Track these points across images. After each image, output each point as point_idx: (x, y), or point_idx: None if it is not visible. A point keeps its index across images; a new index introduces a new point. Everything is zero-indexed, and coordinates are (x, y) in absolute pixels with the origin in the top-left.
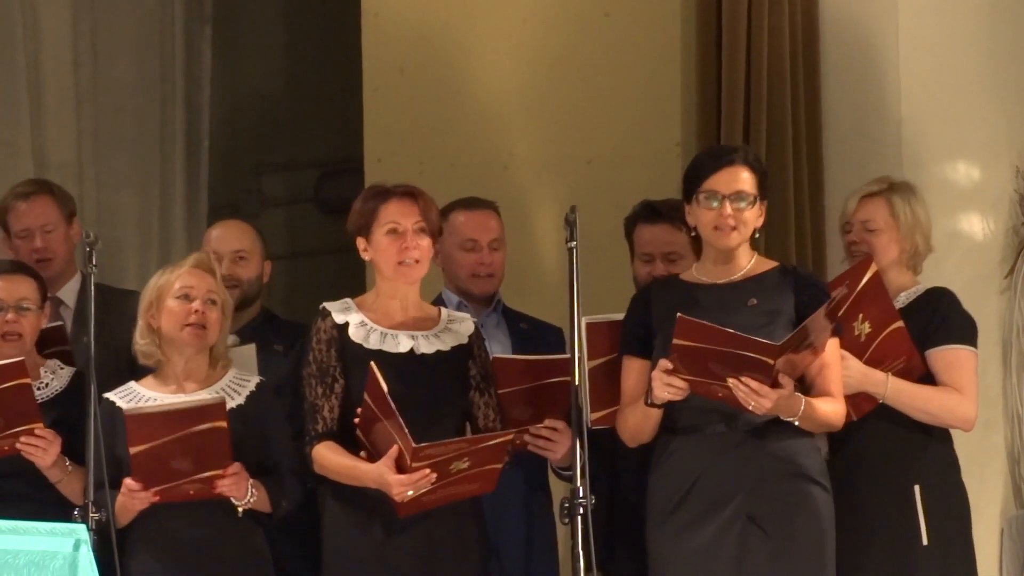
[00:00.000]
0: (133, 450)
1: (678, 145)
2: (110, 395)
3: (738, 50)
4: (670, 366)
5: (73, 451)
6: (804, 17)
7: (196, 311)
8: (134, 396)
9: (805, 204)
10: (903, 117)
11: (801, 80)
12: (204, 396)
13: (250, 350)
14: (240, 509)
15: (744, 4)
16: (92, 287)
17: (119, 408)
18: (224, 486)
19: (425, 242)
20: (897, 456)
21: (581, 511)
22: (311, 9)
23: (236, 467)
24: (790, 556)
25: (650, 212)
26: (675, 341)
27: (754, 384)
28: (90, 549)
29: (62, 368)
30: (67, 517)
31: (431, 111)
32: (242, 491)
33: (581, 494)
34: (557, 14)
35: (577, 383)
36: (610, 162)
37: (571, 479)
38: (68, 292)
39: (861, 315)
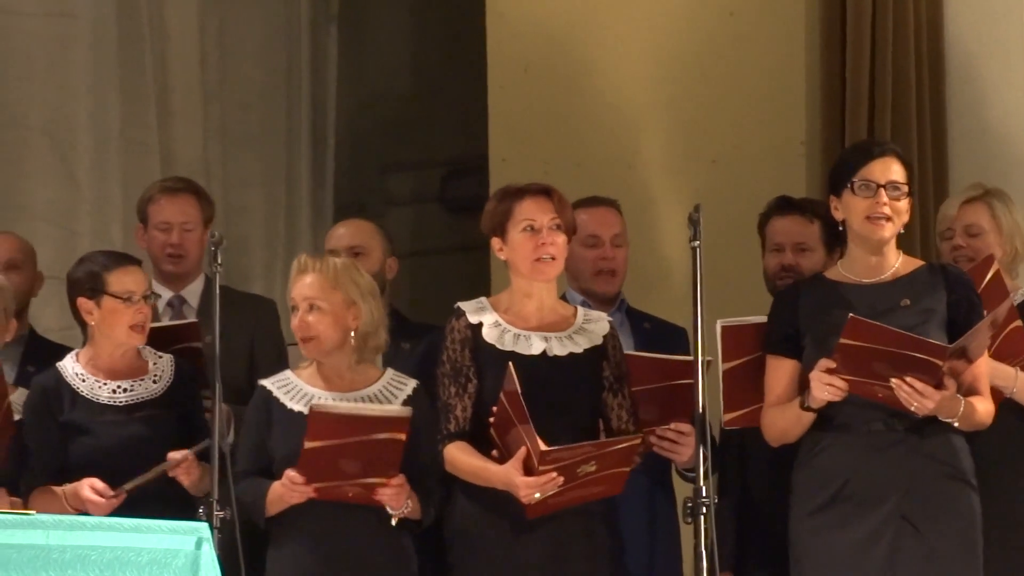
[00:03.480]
0: (308, 444)
1: (802, 144)
2: (265, 383)
3: (862, 48)
4: (832, 365)
5: (194, 440)
6: (929, 14)
7: (297, 326)
8: (290, 386)
9: (930, 203)
10: None
11: (926, 77)
12: (395, 408)
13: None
14: (395, 519)
15: (868, 3)
16: (217, 287)
17: (276, 398)
18: (385, 495)
19: (561, 239)
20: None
21: (704, 510)
22: (436, 8)
23: (400, 479)
24: (944, 557)
25: (784, 203)
26: (842, 340)
27: (919, 385)
28: (212, 547)
29: (160, 357)
30: (192, 515)
31: (556, 110)
32: (401, 502)
33: (704, 493)
34: (682, 13)
35: (701, 384)
36: (734, 161)
37: (695, 480)
38: (192, 292)
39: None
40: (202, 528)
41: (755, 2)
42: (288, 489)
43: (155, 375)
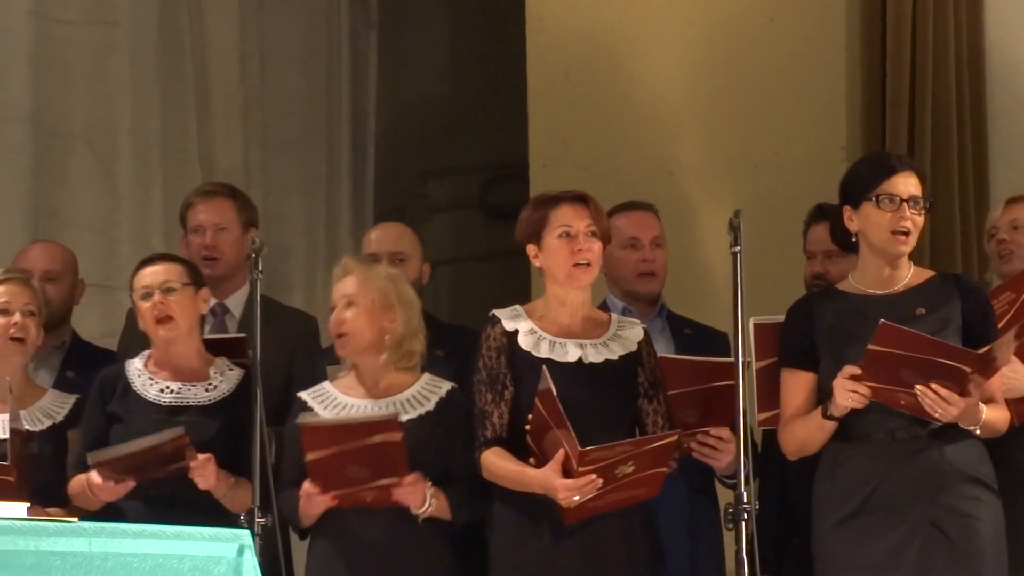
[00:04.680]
0: (308, 457)
1: (843, 149)
2: (303, 394)
3: (903, 54)
4: (857, 371)
5: (240, 456)
6: (969, 19)
7: (334, 323)
8: (326, 396)
9: (971, 208)
10: None
11: (967, 83)
12: (378, 411)
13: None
14: (419, 518)
15: (908, 8)
16: (258, 292)
17: (311, 409)
18: (400, 495)
19: (596, 246)
20: None
21: (745, 516)
22: (476, 14)
23: (412, 477)
24: (974, 562)
25: (817, 212)
26: (871, 347)
27: (944, 392)
28: (254, 555)
29: (231, 369)
30: (233, 523)
31: (596, 115)
32: (419, 500)
33: (745, 499)
34: (722, 19)
35: (742, 389)
36: (775, 166)
37: (735, 486)
38: (235, 302)
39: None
40: (244, 535)
41: (796, 8)
42: (306, 500)
43: (211, 384)
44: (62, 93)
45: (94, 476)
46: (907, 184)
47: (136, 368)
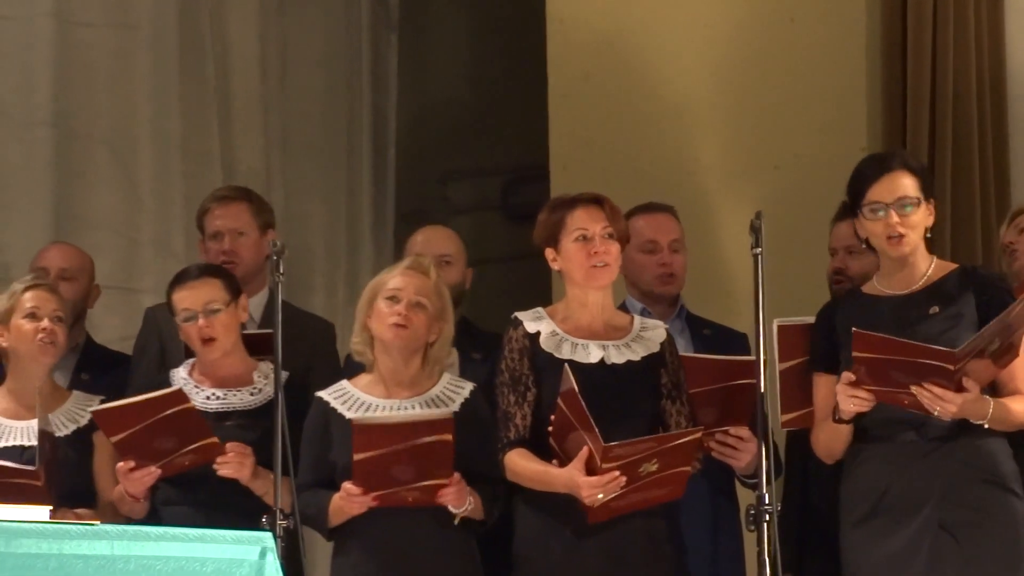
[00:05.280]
0: (357, 457)
1: (863, 150)
2: (323, 394)
3: (923, 53)
4: (853, 378)
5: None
6: (989, 20)
7: (399, 313)
8: (347, 396)
9: (992, 205)
10: None
11: (987, 81)
12: (434, 411)
13: (453, 356)
14: (457, 518)
15: (929, 7)
16: (280, 295)
17: (333, 409)
18: (447, 495)
19: (614, 247)
20: None
21: (767, 518)
22: (497, 16)
23: (457, 477)
24: (983, 565)
25: (844, 208)
26: (855, 354)
27: (937, 390)
28: (276, 557)
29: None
30: (256, 525)
31: (616, 117)
32: (462, 500)
33: (767, 500)
34: (742, 20)
35: (763, 388)
36: (796, 167)
37: (756, 486)
38: (254, 304)
39: None
40: (266, 538)
41: (816, 8)
42: (347, 501)
43: (256, 388)
44: (83, 95)
45: (118, 464)
46: (893, 187)
47: (181, 377)
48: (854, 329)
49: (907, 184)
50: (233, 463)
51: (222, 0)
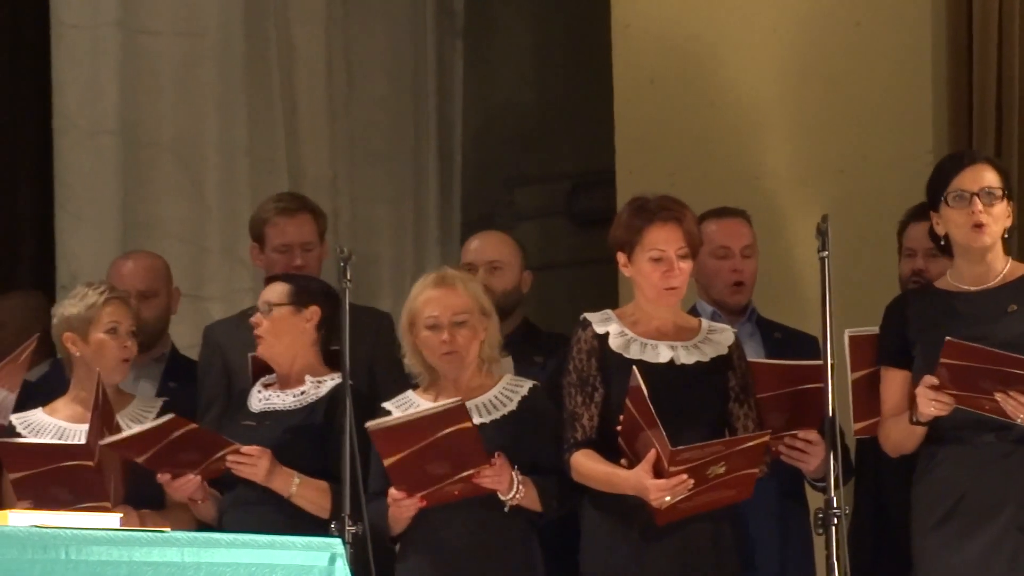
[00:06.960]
0: (386, 462)
1: (929, 153)
2: (388, 405)
3: (989, 56)
4: (936, 382)
5: (327, 461)
6: None
7: (445, 341)
8: (410, 405)
9: None
10: None
11: None
12: (442, 402)
13: (507, 362)
14: (507, 505)
15: (995, 10)
16: (347, 303)
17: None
18: (487, 477)
19: (687, 265)
20: None
21: (836, 521)
22: (562, 21)
23: (498, 459)
24: None
25: (919, 209)
26: (942, 360)
27: (1023, 398)
28: (346, 563)
29: (333, 380)
30: (325, 531)
31: (682, 121)
32: (506, 483)
33: (835, 504)
34: (808, 23)
35: (831, 392)
36: (862, 171)
37: (825, 490)
38: None
39: None
40: (335, 544)
41: (882, 12)
42: (395, 507)
43: (301, 391)
44: (150, 104)
45: (160, 474)
46: (977, 177)
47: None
48: (947, 339)
49: (991, 176)
50: (246, 465)
51: (287, 7)
